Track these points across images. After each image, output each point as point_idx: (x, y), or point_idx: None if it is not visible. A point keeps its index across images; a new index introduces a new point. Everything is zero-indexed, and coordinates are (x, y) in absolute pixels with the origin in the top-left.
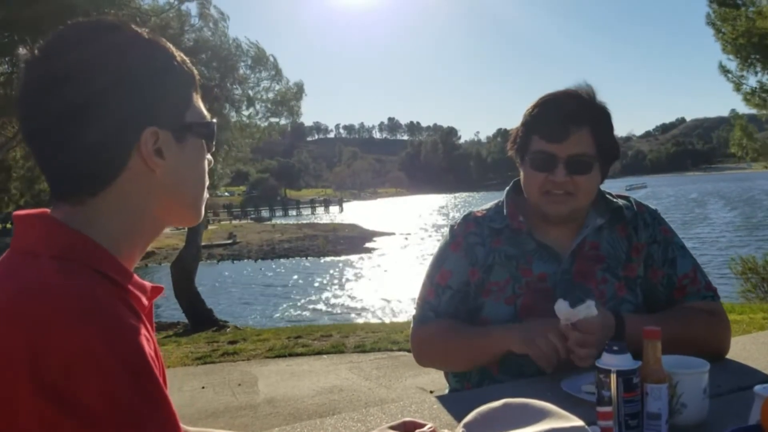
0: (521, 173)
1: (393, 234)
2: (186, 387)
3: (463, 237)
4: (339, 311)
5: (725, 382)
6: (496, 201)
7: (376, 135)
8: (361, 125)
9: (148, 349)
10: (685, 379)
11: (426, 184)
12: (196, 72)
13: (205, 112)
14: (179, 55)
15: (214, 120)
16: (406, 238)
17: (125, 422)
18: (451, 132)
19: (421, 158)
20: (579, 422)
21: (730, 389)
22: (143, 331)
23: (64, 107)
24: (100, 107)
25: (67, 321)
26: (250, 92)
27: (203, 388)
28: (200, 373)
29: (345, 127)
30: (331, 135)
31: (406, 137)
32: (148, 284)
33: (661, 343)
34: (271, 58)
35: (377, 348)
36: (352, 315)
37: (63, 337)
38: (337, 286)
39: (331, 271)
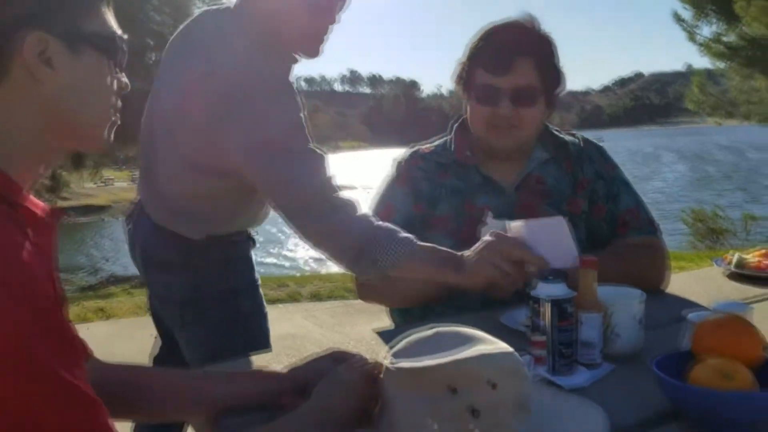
0: (467, 108)
1: (354, 188)
2: (137, 336)
3: (408, 172)
4: (297, 263)
5: (662, 314)
6: (443, 137)
7: (338, 88)
8: (322, 78)
9: (37, 271)
10: (620, 308)
11: (388, 138)
12: None
13: (114, 27)
14: None
15: (125, 36)
16: (368, 192)
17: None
18: (413, 85)
19: (383, 111)
20: (507, 347)
21: (666, 321)
22: (32, 251)
23: None
24: None
25: None
26: None
27: (154, 336)
28: (152, 323)
29: (306, 80)
30: None
31: (368, 90)
32: (45, 205)
33: (600, 278)
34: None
35: (333, 296)
36: (310, 266)
37: None
38: (295, 239)
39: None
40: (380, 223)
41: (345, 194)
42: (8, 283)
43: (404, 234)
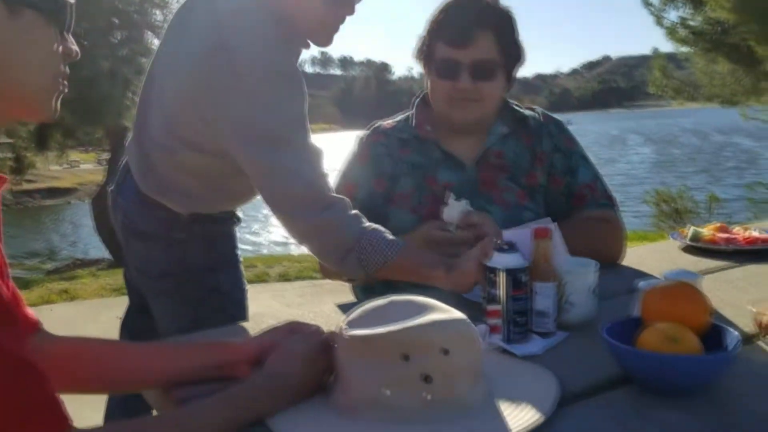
0: (428, 83)
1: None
2: (102, 317)
3: (370, 148)
4: (265, 245)
5: (616, 285)
6: (405, 113)
7: (308, 69)
8: None
9: None
10: (573, 278)
11: (359, 120)
12: None
13: None
14: None
15: (71, 2)
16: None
17: None
18: (384, 67)
19: (354, 94)
20: (460, 315)
21: (621, 291)
22: None
23: None
24: None
25: None
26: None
27: (119, 318)
28: (117, 304)
29: None
30: None
31: (339, 72)
32: None
33: (551, 245)
34: None
35: (301, 277)
36: (278, 248)
37: None
38: (263, 221)
39: (259, 207)
40: (369, 224)
41: (337, 194)
42: None
43: (392, 236)
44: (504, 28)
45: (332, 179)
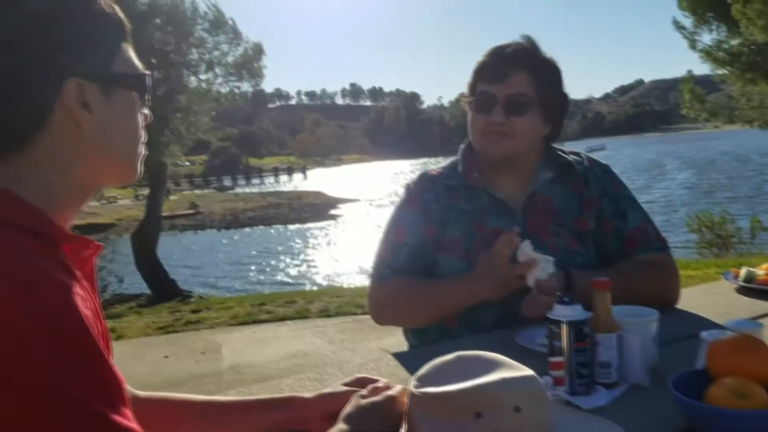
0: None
1: (357, 200)
2: (149, 357)
3: (419, 195)
4: (304, 278)
5: (675, 330)
6: (451, 159)
7: (339, 101)
8: (323, 91)
9: (83, 309)
10: (634, 328)
11: (390, 150)
12: (125, 21)
13: (138, 63)
14: (106, 2)
15: (148, 72)
16: (371, 204)
17: (48, 391)
18: (414, 97)
19: (384, 124)
20: (529, 371)
21: (680, 337)
22: (77, 289)
23: None
24: (11, 56)
25: None
26: (208, 56)
27: (166, 357)
28: (163, 342)
29: (307, 94)
30: (293, 102)
31: (368, 103)
32: (87, 240)
33: (612, 296)
34: (230, 21)
35: (341, 312)
36: (317, 282)
37: None
38: (302, 254)
39: (296, 239)
40: None
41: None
42: (61, 329)
43: None
44: (541, 70)
45: (368, 212)
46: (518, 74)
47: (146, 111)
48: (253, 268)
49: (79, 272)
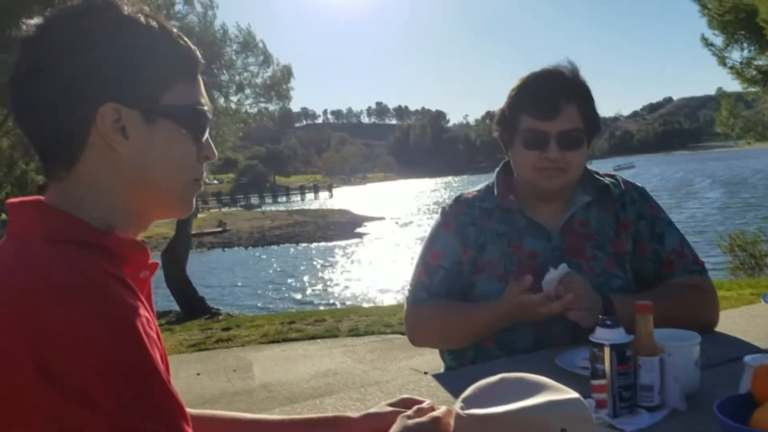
0: (511, 153)
1: (383, 219)
2: (181, 374)
3: (454, 218)
4: (332, 296)
5: (716, 354)
6: (486, 183)
7: (365, 120)
8: (349, 110)
9: (148, 330)
10: (676, 351)
11: (415, 168)
12: (196, 56)
13: (202, 100)
14: (175, 36)
15: (206, 109)
16: (397, 223)
17: (121, 412)
18: (440, 115)
19: (410, 142)
20: (575, 394)
21: (721, 361)
22: (142, 311)
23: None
24: (56, 78)
25: (59, 302)
26: (238, 78)
27: (198, 374)
28: (195, 360)
29: (333, 112)
30: (320, 120)
31: (394, 121)
32: (147, 259)
33: (653, 318)
34: (260, 44)
35: (371, 331)
36: (345, 300)
37: (57, 318)
38: (329, 272)
39: (323, 257)
40: None
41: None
42: (132, 359)
43: None
44: (586, 99)
45: (393, 230)
46: (569, 108)
47: (209, 148)
48: (280, 285)
49: (140, 293)
